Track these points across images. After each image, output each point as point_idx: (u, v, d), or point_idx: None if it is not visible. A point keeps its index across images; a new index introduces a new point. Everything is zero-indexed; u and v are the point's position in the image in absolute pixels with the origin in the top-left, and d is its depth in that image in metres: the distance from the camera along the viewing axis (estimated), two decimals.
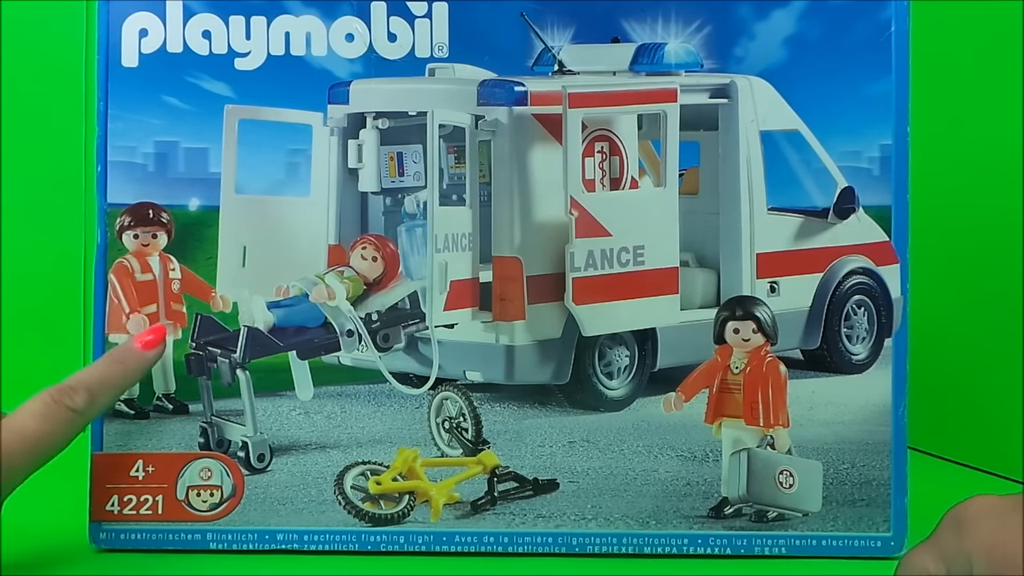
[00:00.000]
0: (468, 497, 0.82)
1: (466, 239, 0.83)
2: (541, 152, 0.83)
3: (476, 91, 0.83)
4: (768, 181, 0.85)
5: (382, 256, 0.84)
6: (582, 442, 0.83)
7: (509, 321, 0.83)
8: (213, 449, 0.83)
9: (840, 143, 0.82)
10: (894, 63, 0.82)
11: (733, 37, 0.82)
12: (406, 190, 0.86)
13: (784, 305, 0.84)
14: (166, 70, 0.82)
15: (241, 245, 0.83)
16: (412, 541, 0.81)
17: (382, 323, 0.84)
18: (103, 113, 0.82)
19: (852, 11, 0.82)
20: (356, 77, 0.83)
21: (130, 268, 0.83)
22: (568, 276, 0.82)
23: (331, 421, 0.84)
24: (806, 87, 0.82)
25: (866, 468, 0.82)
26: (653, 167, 0.86)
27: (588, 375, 0.84)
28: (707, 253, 0.86)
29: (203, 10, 0.82)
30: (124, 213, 0.82)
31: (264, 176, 0.83)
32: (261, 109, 0.82)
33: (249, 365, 0.83)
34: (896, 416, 0.82)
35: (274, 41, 0.82)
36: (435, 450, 0.83)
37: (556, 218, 0.83)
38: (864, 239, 0.84)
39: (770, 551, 0.81)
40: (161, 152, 0.82)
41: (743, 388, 0.81)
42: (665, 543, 0.81)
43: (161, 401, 0.83)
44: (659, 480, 0.82)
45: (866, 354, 0.85)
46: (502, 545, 0.81)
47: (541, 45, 0.82)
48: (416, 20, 0.82)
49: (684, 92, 0.84)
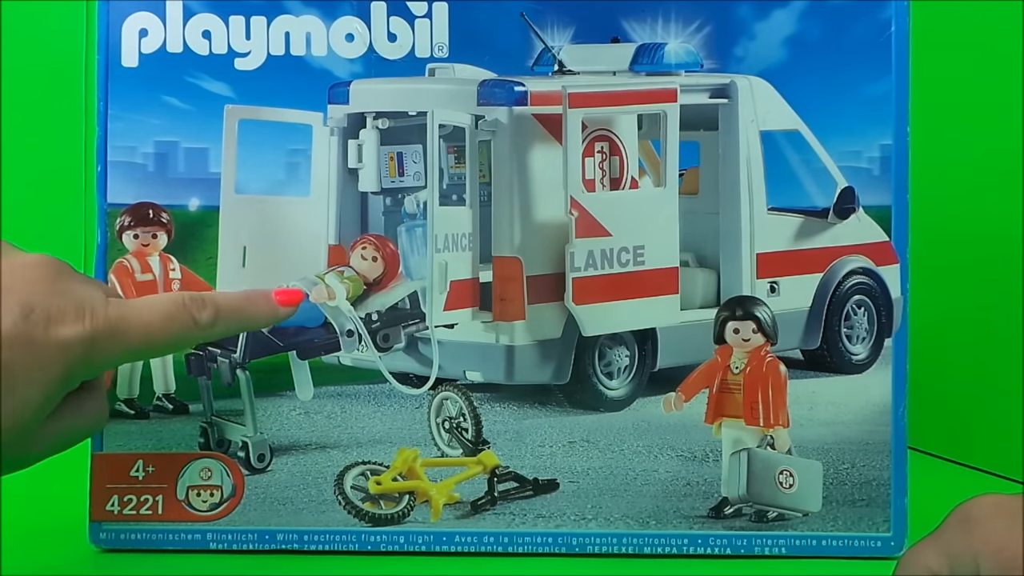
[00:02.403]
0: (468, 497, 0.82)
1: (466, 239, 0.83)
2: (541, 152, 0.83)
3: (476, 91, 0.83)
4: (768, 181, 0.85)
5: (382, 256, 0.84)
6: (582, 442, 0.83)
7: (509, 321, 0.83)
8: (213, 449, 0.83)
9: (840, 143, 0.82)
10: (894, 63, 0.82)
11: (733, 37, 0.82)
12: (406, 190, 0.86)
13: (784, 305, 0.84)
14: (166, 70, 0.82)
15: (241, 245, 0.83)
16: (412, 541, 0.81)
17: (382, 323, 0.84)
18: (103, 113, 0.82)
19: (852, 11, 0.82)
20: (356, 77, 0.83)
21: (130, 268, 0.83)
22: (568, 276, 0.82)
23: (331, 421, 0.84)
24: (806, 87, 0.82)
25: (866, 468, 0.82)
26: (653, 167, 0.86)
27: (588, 375, 0.84)
28: (707, 253, 0.86)
29: (203, 10, 0.82)
30: (124, 213, 0.82)
31: (264, 176, 0.83)
32: (261, 109, 0.82)
33: (249, 365, 0.83)
34: (896, 416, 0.82)
35: (274, 41, 0.82)
36: (435, 450, 0.83)
37: (556, 218, 0.82)
38: (864, 239, 0.84)
39: (770, 551, 0.81)
40: (161, 152, 0.82)
41: (743, 388, 0.82)
42: (665, 543, 0.81)
43: (161, 401, 0.83)
44: (659, 480, 0.82)
45: (866, 354, 0.85)
46: (502, 545, 0.81)
47: (541, 45, 0.82)
48: (416, 20, 0.82)
49: (684, 92, 0.84)
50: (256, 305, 0.76)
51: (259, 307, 0.76)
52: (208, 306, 0.72)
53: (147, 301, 0.71)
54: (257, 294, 0.77)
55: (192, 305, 0.71)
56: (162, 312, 0.70)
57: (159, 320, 0.70)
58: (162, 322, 0.70)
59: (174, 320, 0.70)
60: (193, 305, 0.71)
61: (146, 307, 0.70)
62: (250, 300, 0.76)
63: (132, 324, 0.68)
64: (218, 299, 0.73)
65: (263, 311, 0.76)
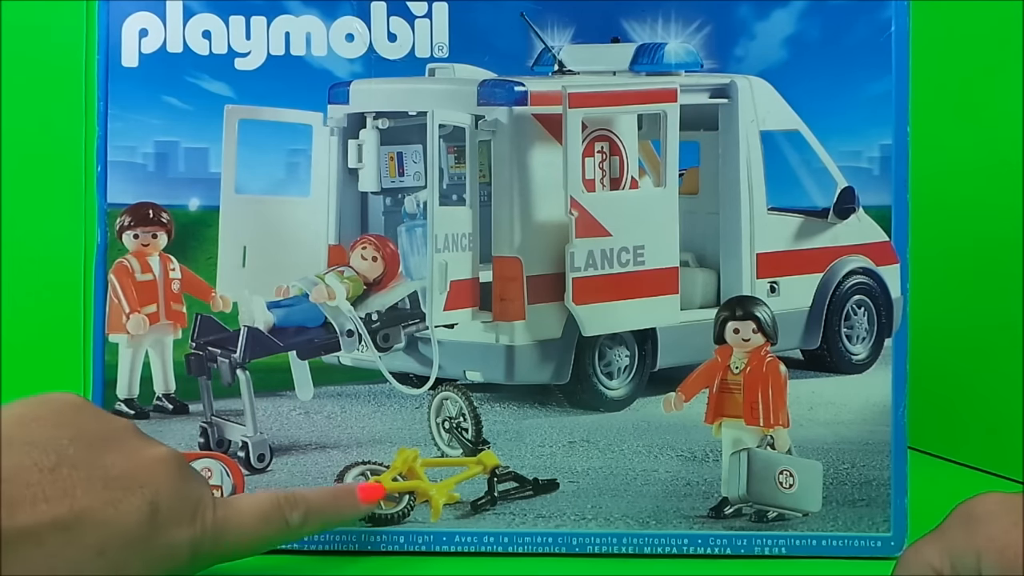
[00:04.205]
0: (468, 497, 0.82)
1: (466, 239, 0.83)
2: (541, 152, 0.83)
3: (476, 91, 0.83)
4: (768, 181, 0.85)
5: (382, 256, 0.84)
6: (582, 442, 0.83)
7: (509, 321, 0.83)
8: (213, 449, 0.83)
9: (840, 143, 0.82)
10: (894, 63, 0.82)
11: (733, 37, 0.82)
12: (406, 190, 0.86)
13: (784, 305, 0.84)
14: (166, 70, 0.82)
15: (241, 245, 0.83)
16: (412, 541, 0.81)
17: (382, 323, 0.84)
18: (103, 113, 0.82)
19: (852, 11, 0.82)
20: (356, 77, 0.83)
21: (130, 268, 0.83)
22: (568, 276, 0.82)
23: (331, 421, 0.84)
24: (806, 87, 0.82)
25: (866, 468, 0.82)
26: (653, 167, 0.86)
27: (588, 375, 0.84)
28: (707, 253, 0.86)
29: (203, 10, 0.82)
30: (124, 213, 0.83)
31: (264, 176, 0.83)
32: (261, 109, 0.82)
33: (249, 365, 0.83)
34: (896, 416, 0.82)
35: (274, 41, 0.82)
36: (435, 450, 0.83)
37: (556, 218, 0.82)
38: (864, 239, 0.84)
39: (770, 551, 0.81)
40: (161, 152, 0.82)
41: (743, 388, 0.82)
42: (665, 543, 0.81)
43: (161, 401, 0.83)
44: (659, 480, 0.82)
45: (866, 354, 0.85)
46: (502, 545, 0.81)
47: (541, 45, 0.82)
48: (416, 20, 0.82)
49: (684, 92, 0.84)
50: (341, 504, 0.77)
51: (344, 506, 0.77)
52: (299, 506, 0.72)
53: (246, 501, 0.71)
54: (342, 492, 0.78)
55: (286, 505, 0.72)
56: (258, 513, 0.71)
57: (255, 522, 0.70)
58: (257, 524, 0.70)
59: (269, 522, 0.71)
60: (287, 504, 0.72)
61: (245, 507, 0.70)
62: (336, 499, 0.77)
63: (232, 525, 0.68)
64: (308, 498, 0.74)
65: (347, 510, 0.77)
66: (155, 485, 0.64)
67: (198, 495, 0.67)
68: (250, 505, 0.71)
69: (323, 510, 0.75)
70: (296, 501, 0.72)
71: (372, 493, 0.78)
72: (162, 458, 0.65)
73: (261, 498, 0.72)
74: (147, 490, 0.64)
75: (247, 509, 0.70)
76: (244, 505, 0.70)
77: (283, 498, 0.72)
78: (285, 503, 0.72)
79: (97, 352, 0.82)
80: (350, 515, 0.78)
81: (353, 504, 0.77)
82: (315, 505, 0.74)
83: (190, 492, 0.66)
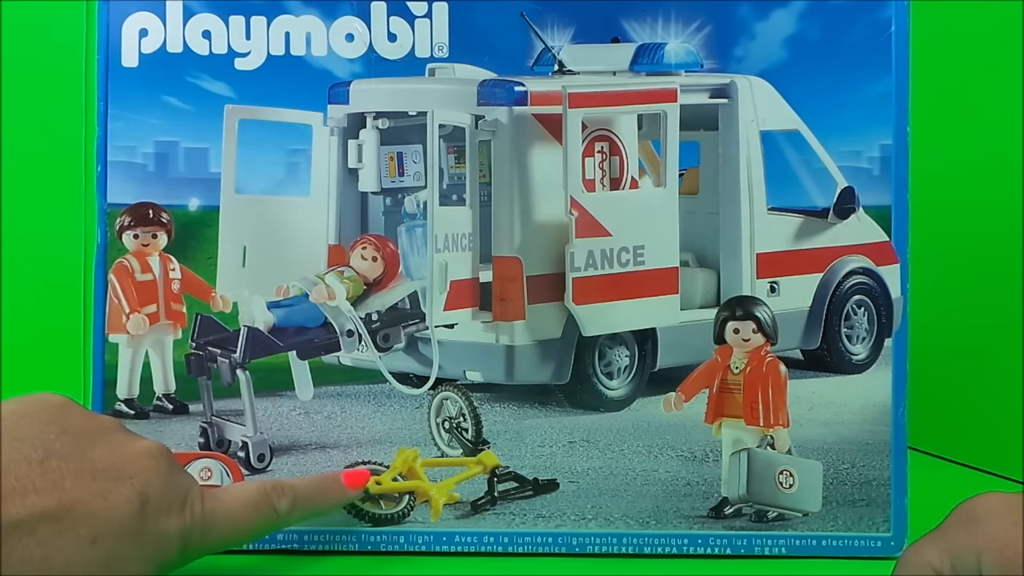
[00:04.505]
0: (468, 497, 0.82)
1: (466, 239, 0.83)
2: (541, 152, 0.83)
3: (476, 91, 0.83)
4: (768, 181, 0.85)
5: (382, 256, 0.84)
6: (582, 442, 0.83)
7: (509, 321, 0.83)
8: (213, 449, 0.83)
9: (840, 143, 0.82)
10: (894, 63, 0.82)
11: (733, 37, 0.82)
12: (406, 190, 0.86)
13: (784, 305, 0.84)
14: (166, 70, 0.82)
15: (241, 245, 0.83)
16: (412, 541, 0.81)
17: (382, 323, 0.84)
18: (103, 113, 0.82)
19: (852, 11, 0.82)
20: (356, 77, 0.83)
21: (130, 268, 0.83)
22: (568, 276, 0.82)
23: (331, 421, 0.84)
24: (806, 87, 0.82)
25: (866, 468, 0.82)
26: (653, 167, 0.86)
27: (588, 375, 0.84)
28: (707, 253, 0.86)
29: (203, 10, 0.82)
30: (124, 213, 0.83)
31: (264, 176, 0.83)
32: (261, 109, 0.82)
33: (249, 365, 0.83)
34: (896, 416, 0.82)
35: (274, 41, 0.82)
36: (435, 450, 0.83)
37: (556, 218, 0.82)
38: (864, 239, 0.84)
39: (770, 551, 0.81)
40: (161, 152, 0.82)
41: (743, 388, 0.82)
42: (665, 543, 0.81)
43: (161, 401, 0.83)
44: (659, 480, 0.82)
45: (866, 354, 0.85)
46: (502, 545, 0.81)
47: (541, 45, 0.82)
48: (416, 20, 0.82)
49: (684, 92, 0.84)
50: (328, 491, 0.77)
51: (331, 492, 0.77)
52: (287, 494, 0.73)
53: (233, 491, 0.72)
54: (329, 479, 0.78)
55: (273, 493, 0.72)
56: (246, 502, 0.71)
57: (243, 511, 0.71)
58: (246, 513, 0.71)
59: (258, 510, 0.71)
60: (274, 493, 0.72)
61: (232, 497, 0.71)
62: (323, 486, 0.77)
63: (221, 516, 0.69)
64: (296, 486, 0.74)
65: (334, 496, 0.78)
66: (143, 476, 0.65)
67: (186, 486, 0.68)
68: (238, 495, 0.71)
69: (310, 497, 0.75)
70: (283, 489, 0.73)
71: (357, 479, 0.78)
72: (149, 451, 0.66)
73: (248, 488, 0.72)
74: (136, 481, 0.64)
75: (235, 499, 0.71)
76: (232, 495, 0.71)
77: (270, 487, 0.72)
78: (272, 491, 0.72)
79: (97, 352, 0.82)
80: (337, 501, 0.78)
81: (340, 490, 0.78)
82: (302, 493, 0.74)
83: (178, 483, 0.67)
